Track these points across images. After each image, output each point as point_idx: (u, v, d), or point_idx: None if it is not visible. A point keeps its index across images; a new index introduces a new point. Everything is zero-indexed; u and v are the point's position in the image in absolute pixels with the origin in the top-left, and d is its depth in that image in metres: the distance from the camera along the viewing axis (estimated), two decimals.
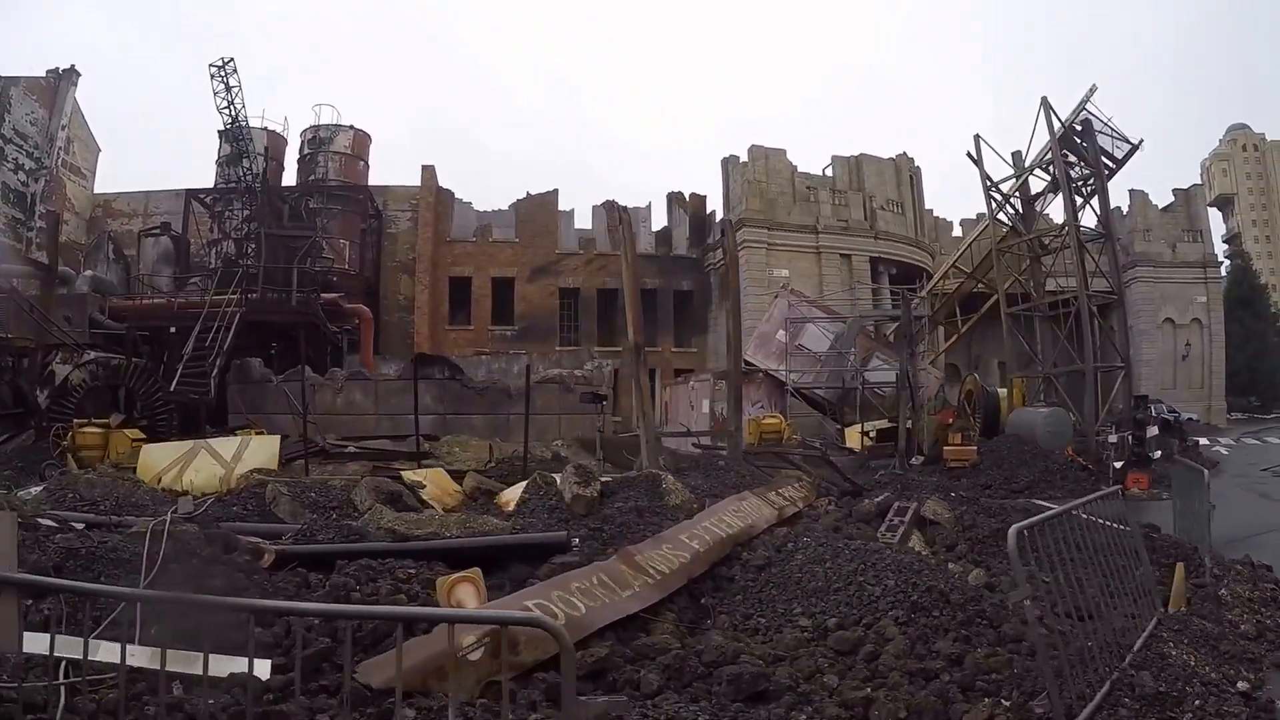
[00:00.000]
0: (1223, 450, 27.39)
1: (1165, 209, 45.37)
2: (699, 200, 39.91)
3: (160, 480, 12.57)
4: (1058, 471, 17.18)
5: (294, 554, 6.66)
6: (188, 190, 36.76)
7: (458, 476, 11.90)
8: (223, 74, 30.33)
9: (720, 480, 12.28)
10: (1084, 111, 26.49)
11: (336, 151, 36.75)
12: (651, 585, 5.94)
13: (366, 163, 37.52)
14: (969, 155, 29.02)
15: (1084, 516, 5.32)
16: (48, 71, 38.72)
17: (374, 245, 36.97)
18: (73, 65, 39.09)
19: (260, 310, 24.59)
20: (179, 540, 6.44)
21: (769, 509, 9.00)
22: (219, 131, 38.03)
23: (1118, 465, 17.39)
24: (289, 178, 38.29)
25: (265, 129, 38.04)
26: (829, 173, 38.30)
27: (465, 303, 37.24)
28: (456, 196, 38.84)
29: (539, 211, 37.70)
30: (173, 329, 23.64)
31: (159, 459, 13.36)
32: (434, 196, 36.83)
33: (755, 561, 6.99)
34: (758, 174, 36.06)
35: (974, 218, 45.31)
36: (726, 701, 4.32)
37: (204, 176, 40.15)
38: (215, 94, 30.23)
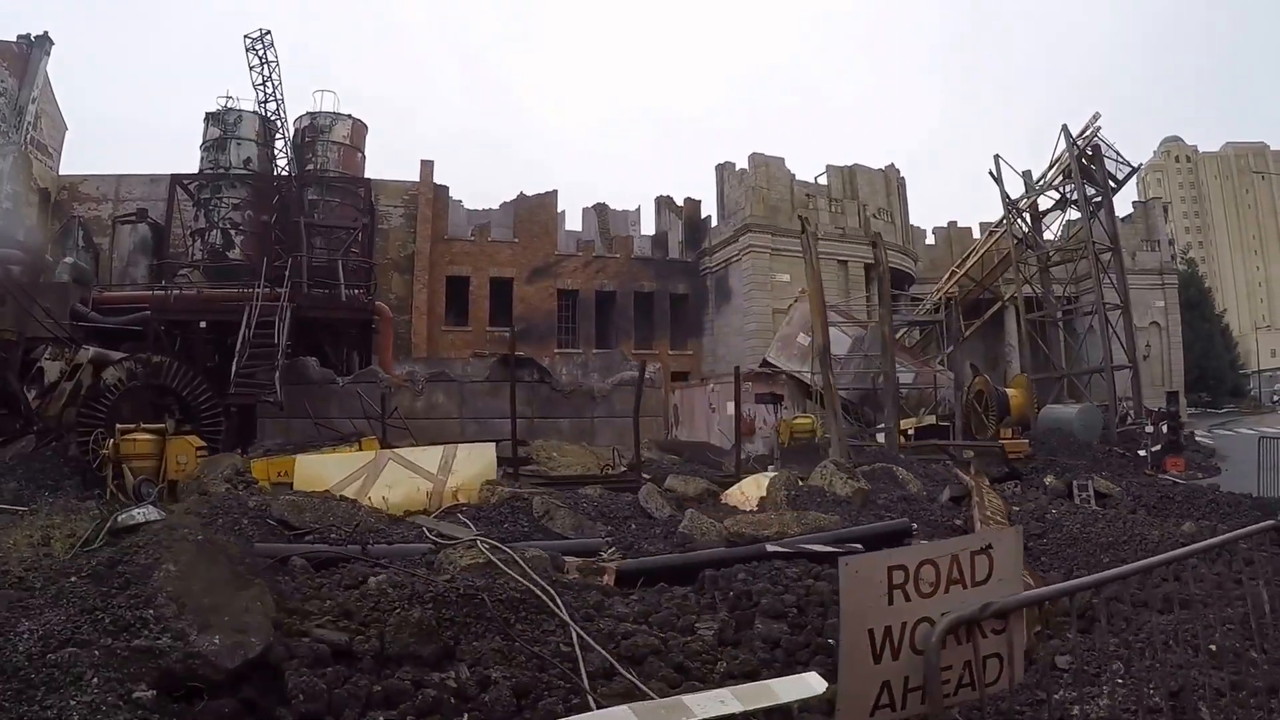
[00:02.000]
0: (1209, 440, 30.84)
1: (1124, 219, 49.46)
2: (693, 205, 41.82)
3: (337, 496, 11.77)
4: (1102, 458, 20.17)
5: (638, 570, 6.67)
6: (173, 175, 36.49)
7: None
8: (259, 47, 29.89)
9: (923, 471, 14.20)
10: (1095, 138, 29.86)
11: (335, 141, 37.06)
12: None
13: (364, 154, 38.05)
14: (990, 174, 31.94)
15: None
16: (19, 37, 37.95)
17: (368, 241, 37.61)
18: (46, 32, 38.32)
19: (312, 306, 24.71)
20: (535, 566, 6.29)
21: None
22: (207, 114, 38.01)
23: (1154, 450, 20.81)
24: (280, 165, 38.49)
25: (256, 114, 38.18)
26: (822, 181, 40.63)
27: (462, 303, 38.18)
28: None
29: (538, 211, 38.95)
30: (203, 323, 23.84)
31: (327, 473, 12.68)
32: (432, 193, 37.66)
33: (1032, 530, 8.85)
34: (759, 181, 38.15)
35: (945, 225, 48.59)
36: None
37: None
38: (250, 68, 29.80)
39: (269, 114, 30.20)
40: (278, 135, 30.38)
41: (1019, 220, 32.22)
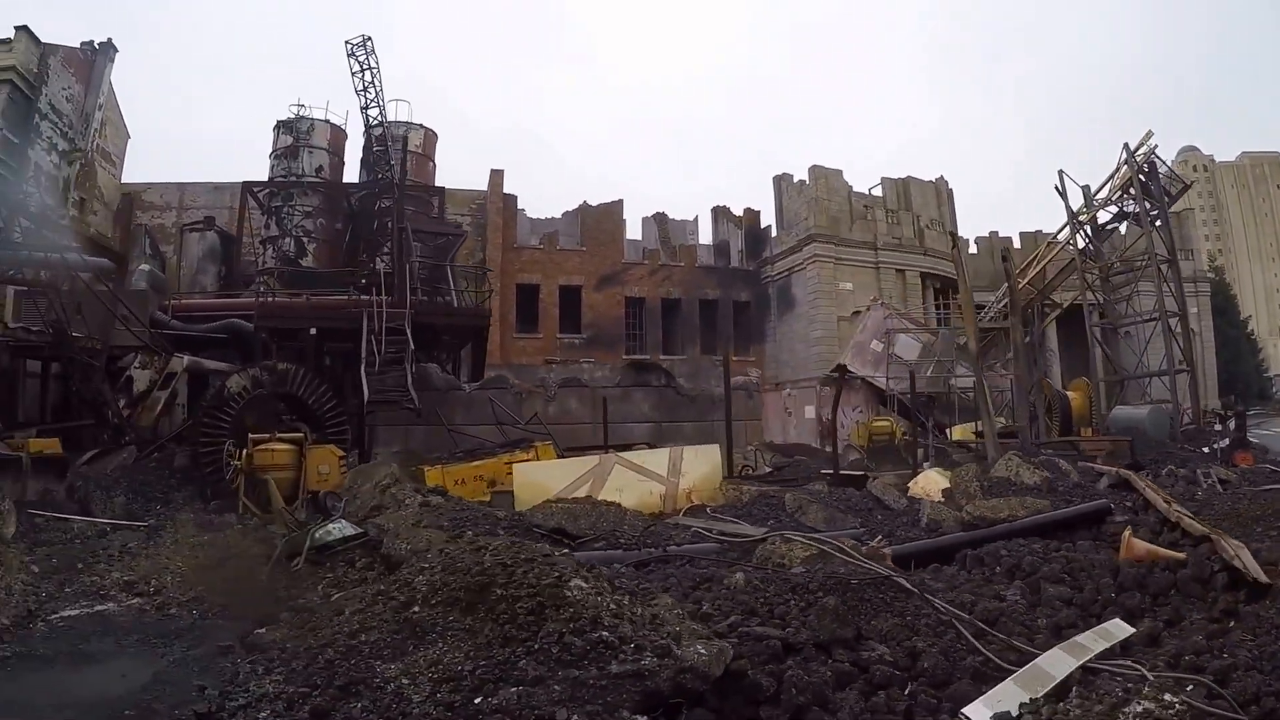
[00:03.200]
0: (1255, 440, 33.19)
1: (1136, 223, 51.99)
2: (753, 215, 43.79)
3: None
4: (1176, 453, 21.91)
5: (909, 552, 7.85)
6: (244, 183, 38.13)
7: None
8: (361, 52, 30.77)
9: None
10: (1152, 155, 32.27)
11: (409, 150, 38.77)
12: None
13: (435, 163, 39.77)
14: (1056, 189, 34.09)
15: None
16: (82, 44, 39.39)
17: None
18: (109, 39, 39.71)
19: (429, 312, 25.39)
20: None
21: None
22: (278, 123, 39.70)
23: (1223, 446, 22.99)
24: (350, 174, 40.12)
25: (328, 122, 39.77)
26: (876, 192, 42.71)
27: (531, 310, 39.97)
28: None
29: (604, 220, 40.82)
30: (313, 330, 24.41)
31: (550, 479, 13.25)
32: (502, 201, 39.47)
33: (1188, 508, 10.59)
34: (819, 192, 40.15)
35: (986, 235, 50.75)
36: None
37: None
38: (353, 74, 30.84)
39: (371, 119, 31.08)
40: (377, 140, 31.52)
41: (1080, 232, 34.39)
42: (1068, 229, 35.10)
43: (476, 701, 4.24)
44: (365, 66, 30.87)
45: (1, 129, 33.06)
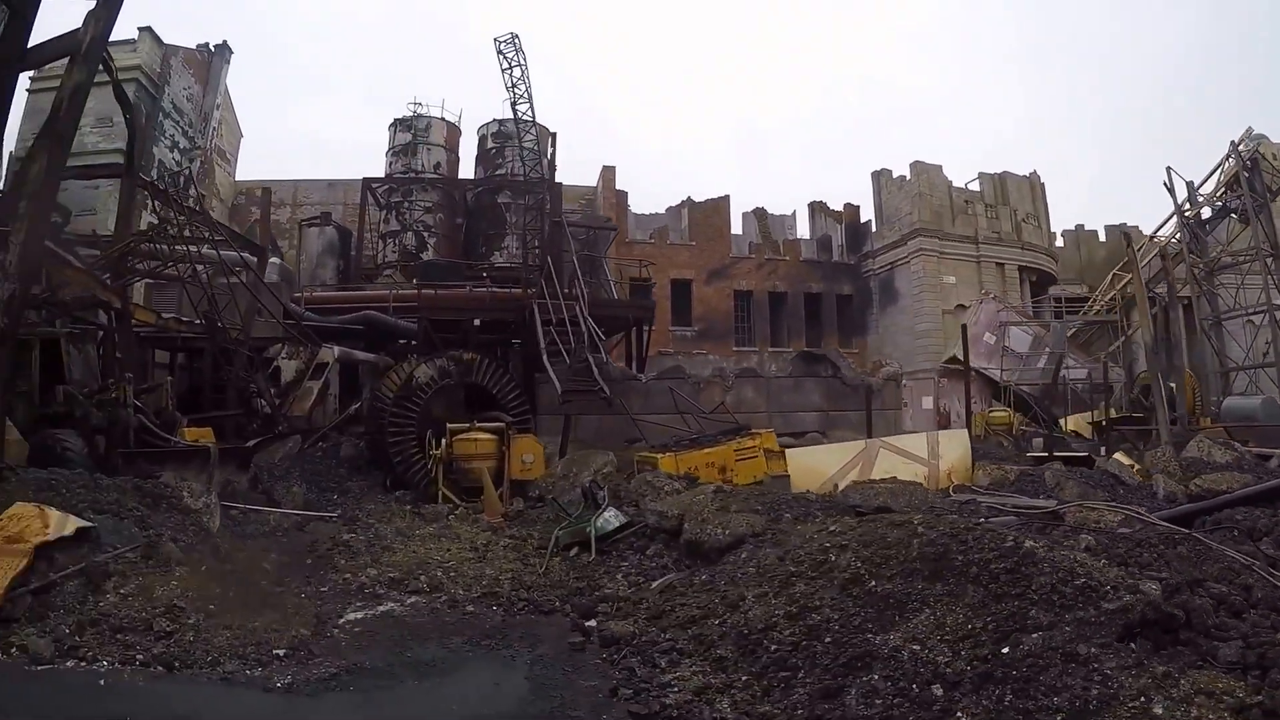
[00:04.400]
0: None
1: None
2: (853, 210, 45.86)
3: (837, 488, 13.65)
4: None
5: (1174, 517, 9.28)
6: (364, 179, 40.28)
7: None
8: (510, 49, 32.17)
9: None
10: (1256, 151, 34.34)
11: (525, 147, 40.80)
12: None
13: (522, 161, 41.83)
14: (1165, 185, 36.10)
15: None
16: (198, 46, 41.49)
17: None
18: (225, 41, 41.82)
19: (596, 305, 26.81)
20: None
21: None
22: (395, 120, 41.94)
23: None
24: (465, 170, 42.19)
25: (443, 120, 41.91)
26: (973, 187, 44.68)
27: None
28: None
29: (712, 216, 42.96)
30: (477, 321, 26.05)
31: (823, 463, 14.57)
32: (615, 197, 41.58)
33: None
34: (922, 187, 42.14)
35: (1073, 229, 52.64)
36: None
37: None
38: (502, 71, 32.24)
39: (520, 115, 32.67)
40: (527, 136, 33.06)
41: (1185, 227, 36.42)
42: (1172, 224, 37.22)
43: (1005, 651, 4.95)
44: (514, 63, 32.49)
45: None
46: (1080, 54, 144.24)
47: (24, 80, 14.69)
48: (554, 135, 30.94)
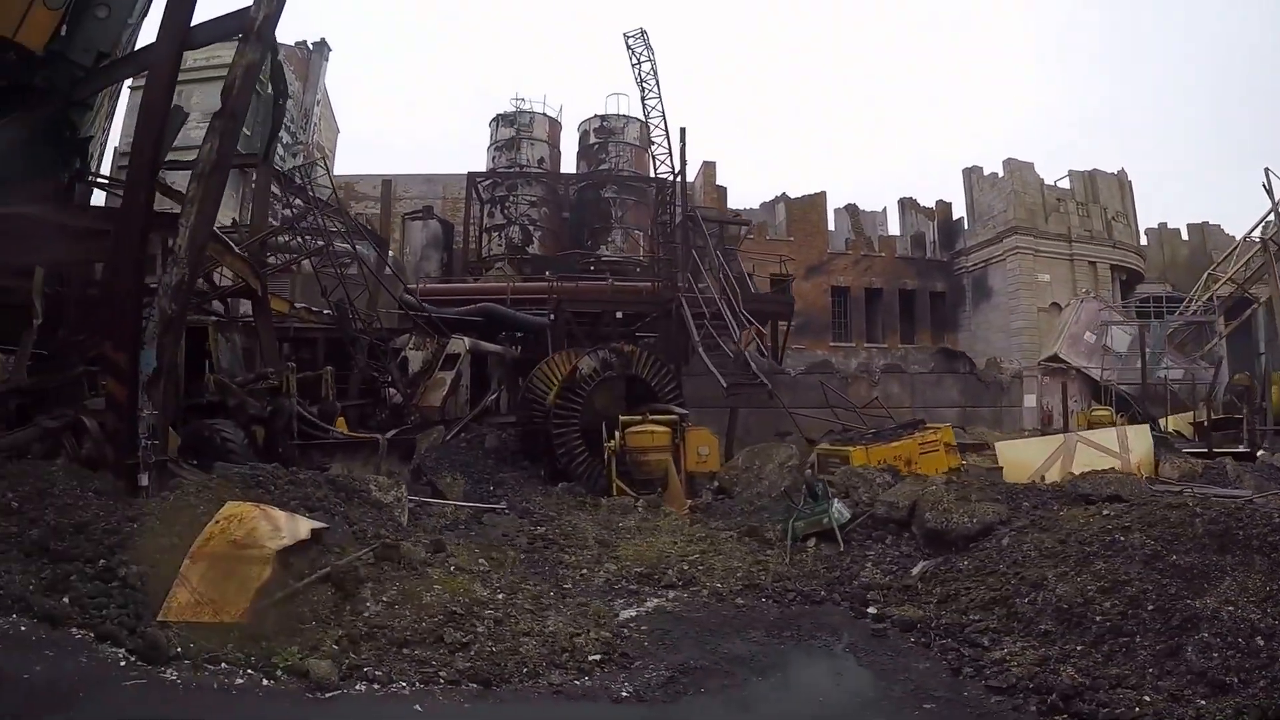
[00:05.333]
0: None
1: None
2: (945, 207, 47.16)
3: (1043, 479, 14.29)
4: None
5: None
6: (469, 173, 41.74)
7: None
8: (639, 45, 33.49)
9: None
10: None
11: (627, 142, 42.30)
12: None
13: (651, 155, 43.25)
14: (1263, 186, 37.31)
15: None
16: (297, 43, 42.92)
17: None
18: (323, 39, 43.32)
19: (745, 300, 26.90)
20: None
21: None
22: (497, 116, 43.37)
23: None
24: (565, 165, 43.68)
25: (545, 115, 43.37)
26: (1063, 185, 45.88)
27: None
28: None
29: (809, 211, 44.32)
30: (619, 314, 26.83)
31: (1029, 457, 15.42)
32: (716, 193, 42.96)
33: None
34: (1016, 185, 43.37)
35: (1155, 227, 53.75)
36: None
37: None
38: (632, 66, 33.32)
39: (649, 109, 33.49)
40: (656, 130, 33.79)
41: None
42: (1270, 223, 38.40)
43: None
44: (642, 58, 33.49)
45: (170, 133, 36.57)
46: (1148, 49, 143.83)
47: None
48: (683, 129, 32.05)
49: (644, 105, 33.20)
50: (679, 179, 30.82)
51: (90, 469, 9.09)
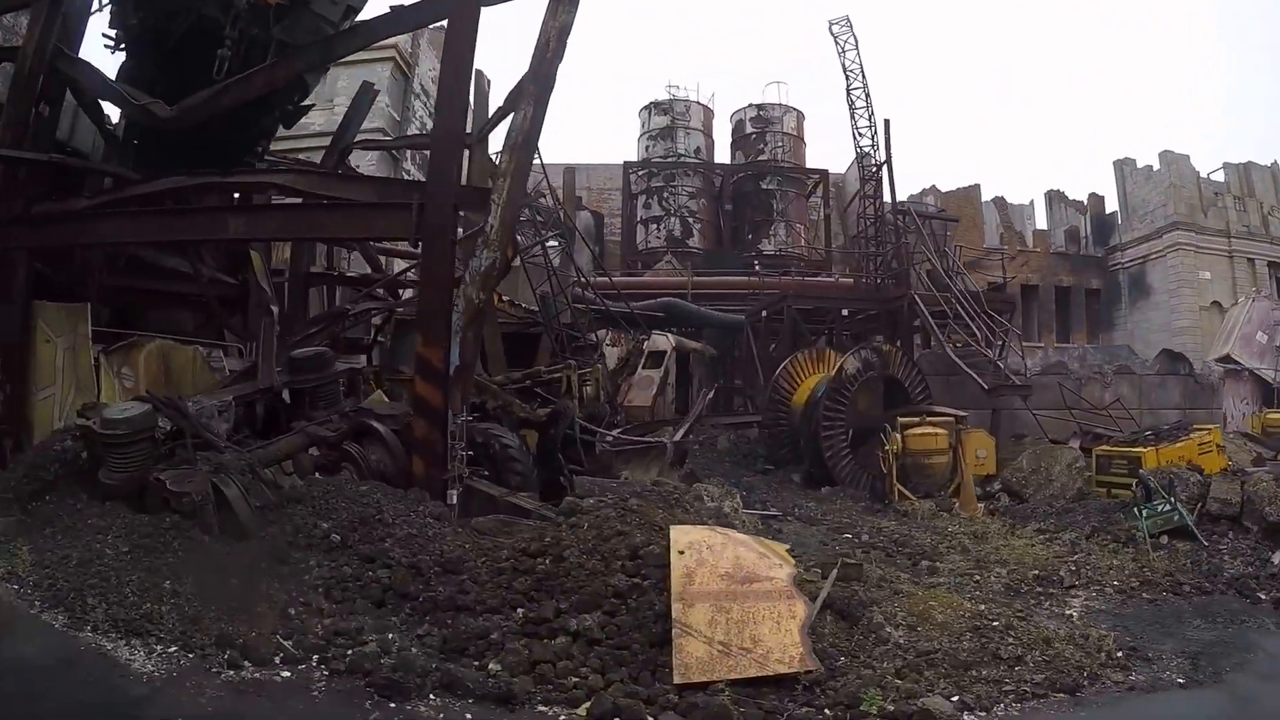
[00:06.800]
0: None
1: None
2: (1098, 201, 47.54)
3: None
4: None
5: None
6: (625, 163, 42.33)
7: None
8: (845, 33, 33.25)
9: None
10: None
11: (785, 132, 42.78)
12: None
13: (806, 144, 43.81)
14: None
15: None
16: (434, 28, 43.35)
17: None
18: None
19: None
20: None
21: None
22: (650, 104, 43.94)
23: None
24: (718, 155, 44.22)
25: (700, 104, 43.96)
26: (1216, 178, 46.20)
27: None
28: None
29: (964, 205, 44.75)
30: (844, 311, 27.60)
31: None
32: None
33: None
34: (1173, 178, 43.72)
35: None
36: None
37: None
38: (839, 54, 33.28)
39: (854, 99, 33.42)
40: (861, 116, 33.57)
41: None
42: None
43: None
44: (847, 46, 33.32)
45: (387, 106, 37.10)
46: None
47: None
48: (887, 121, 32.13)
49: (849, 95, 32.94)
50: (886, 170, 31.05)
51: (386, 483, 8.71)
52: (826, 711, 5.31)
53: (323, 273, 20.86)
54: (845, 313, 27.62)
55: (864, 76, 32.67)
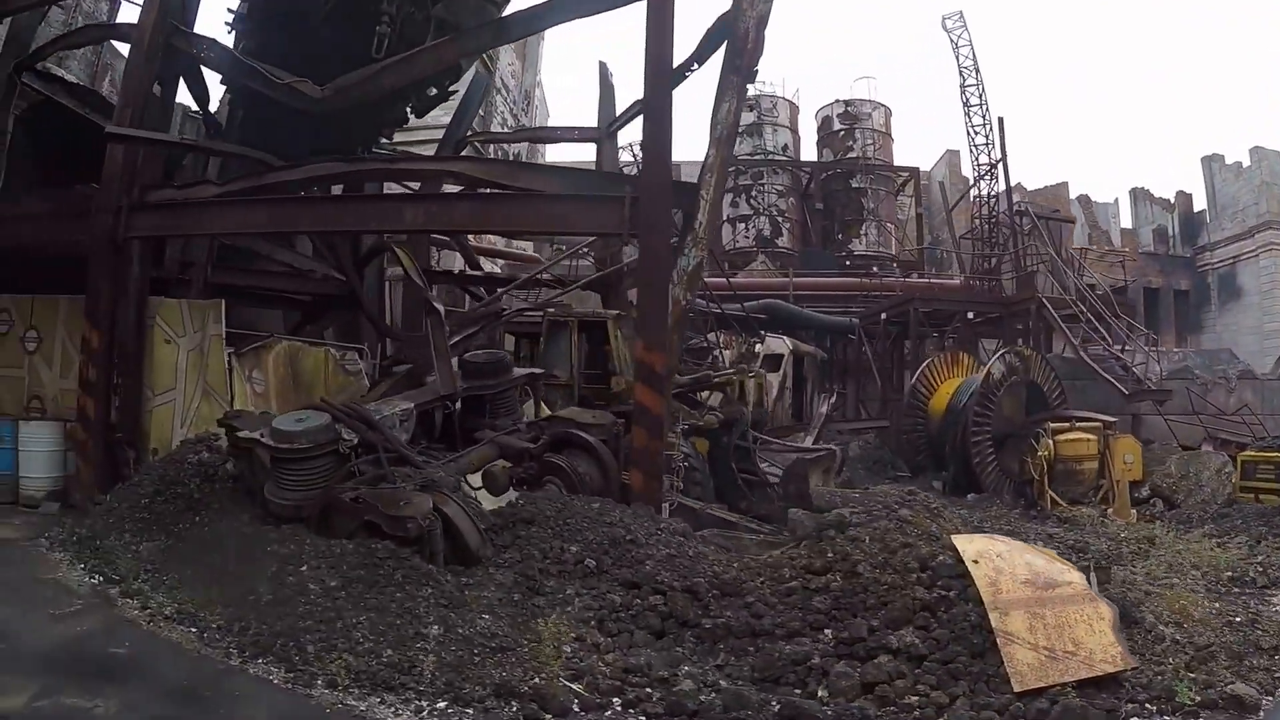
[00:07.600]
0: None
1: None
2: (1186, 198, 47.32)
3: None
4: None
5: None
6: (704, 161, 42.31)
7: None
8: (959, 28, 33.40)
9: None
10: None
11: (874, 129, 42.75)
12: None
13: (893, 140, 43.72)
14: None
15: None
16: None
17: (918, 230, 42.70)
18: None
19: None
20: None
21: None
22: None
23: None
24: (805, 151, 44.29)
25: (786, 99, 44.00)
26: None
27: None
28: None
29: (1052, 202, 44.64)
30: (970, 314, 27.33)
31: None
32: (962, 183, 43.45)
33: None
34: (1265, 175, 43.39)
35: None
36: None
37: None
38: (954, 49, 33.33)
39: (968, 95, 33.45)
40: (975, 113, 33.30)
41: None
42: None
43: None
44: (960, 42, 33.47)
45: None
46: None
47: None
48: (1001, 119, 32.02)
49: (963, 92, 33.03)
50: (1001, 169, 31.24)
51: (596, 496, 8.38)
52: (1149, 705, 5.47)
53: (445, 271, 21.36)
54: (970, 315, 27.46)
55: (978, 73, 32.75)
